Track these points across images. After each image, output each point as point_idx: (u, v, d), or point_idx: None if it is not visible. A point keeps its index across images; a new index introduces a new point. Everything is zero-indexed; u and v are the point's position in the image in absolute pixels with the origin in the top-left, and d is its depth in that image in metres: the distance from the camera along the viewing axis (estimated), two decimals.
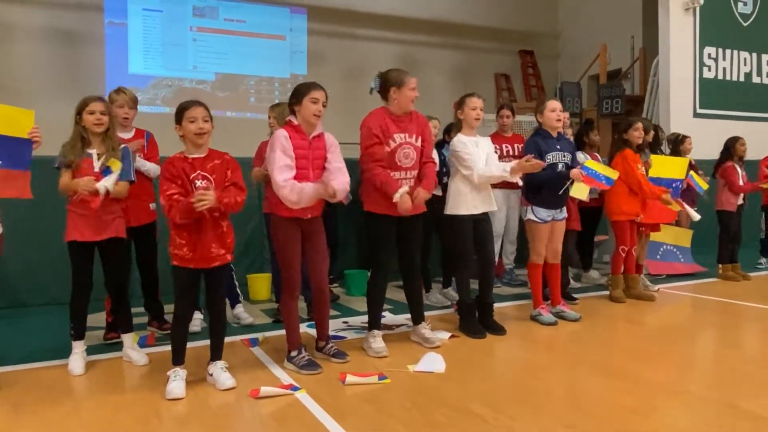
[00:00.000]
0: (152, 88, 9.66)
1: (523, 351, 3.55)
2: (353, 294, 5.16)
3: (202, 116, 2.81)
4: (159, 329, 3.88)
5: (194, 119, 2.80)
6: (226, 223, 2.91)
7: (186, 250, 2.79)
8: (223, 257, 2.88)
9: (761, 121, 8.80)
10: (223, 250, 2.87)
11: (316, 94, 3.09)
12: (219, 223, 2.86)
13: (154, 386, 2.86)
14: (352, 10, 10.74)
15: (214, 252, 2.83)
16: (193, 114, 2.80)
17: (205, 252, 2.81)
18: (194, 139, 2.81)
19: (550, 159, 4.00)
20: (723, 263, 5.70)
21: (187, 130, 2.81)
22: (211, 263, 2.84)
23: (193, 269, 2.82)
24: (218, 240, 2.85)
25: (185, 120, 2.80)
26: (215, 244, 2.83)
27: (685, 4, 8.44)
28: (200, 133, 2.80)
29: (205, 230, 2.80)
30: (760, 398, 2.62)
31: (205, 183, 2.80)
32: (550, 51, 12.89)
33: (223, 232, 2.88)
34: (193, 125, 2.80)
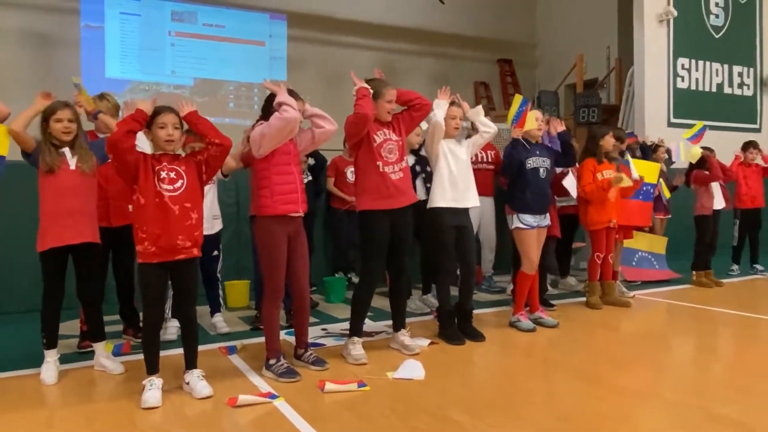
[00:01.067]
0: (129, 92, 9.53)
1: (501, 357, 3.56)
2: (332, 301, 5.14)
3: (172, 123, 2.80)
4: (134, 337, 3.81)
5: (164, 125, 2.79)
6: (196, 216, 2.84)
7: (147, 244, 2.73)
8: (189, 251, 2.81)
9: (732, 131, 9.01)
10: (189, 243, 2.80)
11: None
12: (189, 214, 2.80)
13: (129, 395, 2.81)
14: (332, 16, 10.76)
15: (180, 244, 2.77)
16: (163, 120, 2.79)
17: (170, 243, 2.74)
18: (163, 145, 2.81)
19: (530, 164, 4.08)
20: (697, 270, 5.80)
21: (156, 135, 2.80)
22: (175, 255, 2.77)
23: (157, 266, 2.76)
24: (185, 232, 2.78)
25: (155, 125, 2.79)
26: (182, 236, 2.77)
27: (659, 15, 8.62)
28: (169, 140, 2.80)
29: (171, 221, 2.75)
30: (735, 403, 2.66)
31: (174, 174, 2.79)
32: (528, 60, 13.05)
33: (192, 224, 2.81)
34: (163, 131, 2.79)
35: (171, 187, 2.78)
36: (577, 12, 11.93)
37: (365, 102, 3.26)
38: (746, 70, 9.59)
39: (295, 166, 3.17)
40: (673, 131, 8.49)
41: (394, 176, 3.40)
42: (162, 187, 2.76)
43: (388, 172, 3.39)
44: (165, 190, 2.77)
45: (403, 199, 3.45)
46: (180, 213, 2.78)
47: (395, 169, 3.42)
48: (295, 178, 3.13)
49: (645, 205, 5.34)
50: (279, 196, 3.06)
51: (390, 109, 3.43)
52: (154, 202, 2.75)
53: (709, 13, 9.15)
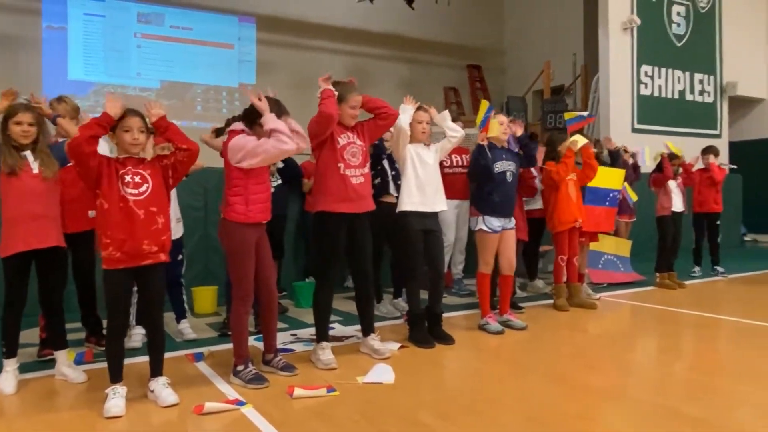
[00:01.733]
0: (93, 94, 9.35)
1: (471, 360, 3.58)
2: (302, 306, 5.09)
3: (137, 127, 2.74)
4: (97, 345, 3.71)
5: (129, 129, 2.73)
6: (163, 220, 2.78)
7: (112, 250, 2.67)
8: (156, 256, 2.75)
9: (694, 137, 9.27)
10: (155, 248, 2.74)
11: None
12: (155, 218, 2.75)
13: (91, 404, 2.73)
14: (302, 20, 10.73)
15: (146, 248, 2.71)
16: (128, 123, 2.73)
17: (135, 248, 2.68)
18: (128, 149, 2.75)
19: (498, 168, 4.13)
20: (660, 272, 5.94)
21: (121, 139, 2.74)
22: (141, 261, 2.71)
23: (122, 271, 2.69)
24: (151, 236, 2.72)
25: (120, 129, 2.73)
26: (147, 241, 2.71)
27: (623, 24, 8.84)
28: (135, 143, 2.74)
29: (136, 225, 2.69)
30: (697, 401, 2.72)
31: (139, 179, 2.73)
32: (497, 66, 13.22)
33: (158, 229, 2.76)
34: (128, 135, 2.73)
35: (136, 191, 2.72)
36: (544, 20, 12.14)
37: (330, 102, 3.24)
38: (707, 78, 9.89)
39: (267, 173, 3.20)
40: (637, 137, 8.71)
41: (355, 180, 3.39)
42: (126, 191, 2.70)
43: (349, 175, 3.37)
44: (129, 194, 2.70)
45: (362, 205, 3.43)
46: (145, 217, 2.72)
47: (357, 173, 3.40)
48: (268, 187, 3.15)
49: (611, 211, 5.46)
50: (255, 204, 3.04)
51: (353, 115, 3.43)
52: (118, 206, 2.68)
53: (671, 21, 9.41)
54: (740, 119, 11.11)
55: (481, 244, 4.17)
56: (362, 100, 3.45)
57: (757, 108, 11.03)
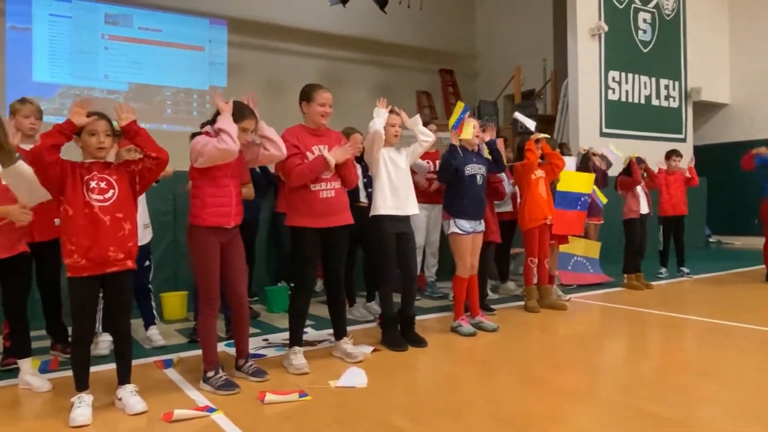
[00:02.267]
0: (59, 97, 9.15)
1: (443, 362, 3.60)
2: (274, 311, 5.06)
3: (103, 130, 2.69)
4: (62, 353, 3.63)
5: (95, 132, 2.67)
6: (129, 227, 2.73)
7: (77, 257, 2.61)
8: (122, 263, 2.70)
9: (660, 141, 9.48)
10: (122, 255, 2.68)
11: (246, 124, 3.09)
12: (121, 225, 2.69)
13: (57, 414, 2.67)
14: (274, 23, 10.68)
15: (112, 255, 2.65)
16: (93, 127, 2.67)
17: (101, 255, 2.63)
18: (94, 152, 2.69)
19: (468, 171, 4.16)
20: (628, 273, 6.05)
21: (86, 143, 2.68)
22: (107, 268, 2.66)
23: (88, 279, 2.64)
24: (117, 243, 2.67)
25: (85, 132, 2.66)
26: (113, 247, 2.65)
27: (591, 30, 9.00)
28: (101, 147, 2.69)
29: (102, 232, 2.63)
30: (663, 400, 2.78)
31: (105, 184, 2.67)
32: (469, 71, 13.34)
33: (125, 235, 2.70)
34: (94, 139, 2.67)
35: (101, 197, 2.66)
36: (514, 25, 12.30)
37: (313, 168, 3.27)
38: (672, 83, 10.13)
39: (233, 178, 3.08)
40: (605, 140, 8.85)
41: (325, 194, 3.34)
42: (91, 197, 2.64)
43: (318, 190, 3.33)
44: (95, 201, 2.64)
45: (334, 219, 3.38)
46: (111, 224, 2.66)
47: (327, 186, 3.36)
48: (230, 191, 3.05)
49: (582, 215, 5.54)
50: (211, 208, 2.99)
51: (323, 112, 3.36)
52: (83, 212, 2.62)
53: (638, 28, 9.62)
54: (704, 124, 11.41)
55: (456, 247, 4.19)
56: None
57: (720, 113, 11.34)
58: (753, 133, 10.38)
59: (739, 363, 3.44)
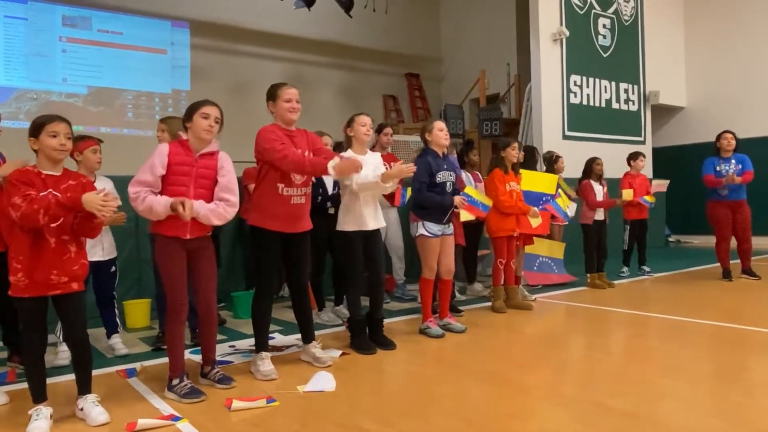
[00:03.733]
0: (14, 101, 8.88)
1: (412, 364, 3.61)
2: (241, 317, 4.99)
3: (64, 132, 2.60)
4: (20, 364, 3.50)
5: (56, 134, 2.58)
6: (75, 249, 2.63)
7: (21, 276, 2.51)
8: (66, 286, 2.59)
9: (619, 143, 9.71)
10: (65, 278, 2.57)
11: (207, 109, 3.02)
12: (66, 248, 2.59)
13: (14, 427, 2.58)
14: (238, 26, 10.58)
15: (54, 279, 2.55)
16: (55, 129, 2.58)
17: (43, 278, 2.52)
18: (53, 154, 2.59)
19: (439, 178, 4.14)
20: (590, 272, 6.17)
21: (45, 144, 2.57)
22: (49, 291, 2.56)
23: (31, 299, 2.54)
24: (61, 266, 2.56)
25: (45, 134, 2.57)
26: (56, 271, 2.55)
27: (553, 35, 9.17)
28: (62, 149, 2.59)
29: (46, 254, 2.53)
30: (624, 396, 2.84)
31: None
32: (435, 74, 13.45)
33: (70, 258, 2.60)
34: (55, 140, 2.57)
35: None
36: (478, 30, 12.46)
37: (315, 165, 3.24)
38: (631, 87, 10.39)
39: (195, 188, 2.97)
40: (567, 143, 9.05)
41: (296, 200, 3.33)
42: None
43: (290, 195, 3.31)
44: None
45: (297, 225, 3.38)
46: (56, 246, 2.56)
47: (299, 192, 3.35)
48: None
49: (544, 215, 5.61)
50: (167, 221, 2.91)
51: (289, 108, 3.31)
52: (30, 230, 2.52)
53: (598, 33, 9.84)
54: (662, 126, 11.74)
55: (423, 250, 4.19)
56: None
57: (677, 116, 11.68)
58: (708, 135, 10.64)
59: (698, 358, 3.54)
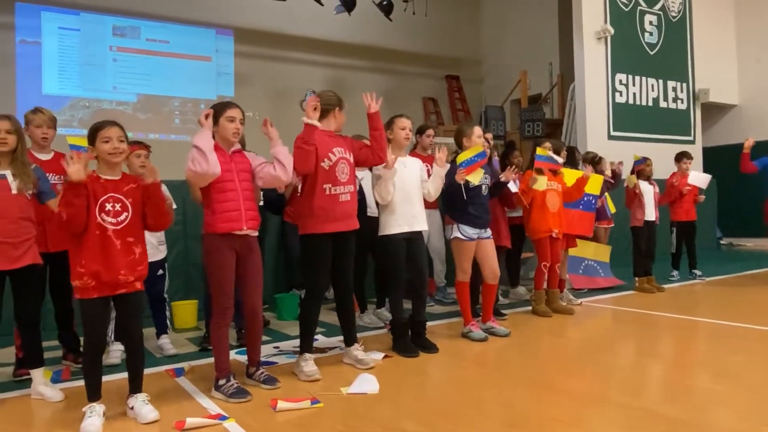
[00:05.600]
0: (69, 109, 9.24)
1: (455, 368, 3.58)
2: (284, 318, 5.06)
3: (116, 136, 2.71)
4: (74, 363, 3.64)
5: (108, 139, 2.69)
6: (140, 250, 2.75)
7: (87, 279, 2.62)
8: (131, 285, 2.71)
9: (668, 143, 9.43)
10: (132, 278, 2.70)
11: (232, 112, 3.09)
12: (131, 249, 2.71)
13: (68, 424, 2.68)
14: (279, 32, 10.74)
15: (122, 279, 2.67)
16: (107, 134, 2.70)
17: (111, 278, 2.64)
18: (109, 158, 2.70)
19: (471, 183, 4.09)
20: (638, 276, 6.01)
21: (101, 149, 2.69)
22: (116, 290, 2.68)
23: (97, 298, 2.66)
24: (127, 266, 2.68)
25: (99, 140, 2.69)
26: (124, 271, 2.67)
27: (597, 33, 8.99)
28: (116, 152, 2.70)
29: (113, 255, 2.65)
30: (675, 402, 2.76)
31: (120, 206, 2.69)
32: (475, 76, 13.35)
33: (135, 259, 2.72)
34: (108, 145, 2.69)
35: (115, 220, 2.67)
36: (520, 30, 12.31)
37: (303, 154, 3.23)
38: (680, 85, 10.08)
39: (241, 182, 3.08)
40: (613, 143, 8.84)
41: (343, 198, 3.37)
42: (105, 219, 2.65)
43: (338, 194, 3.36)
44: (108, 223, 2.66)
45: (348, 224, 3.42)
46: (122, 247, 2.68)
47: (344, 190, 3.39)
48: (237, 195, 3.04)
49: (585, 215, 5.50)
50: (219, 214, 3.00)
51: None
52: (95, 234, 2.63)
53: (644, 30, 9.59)
54: (713, 125, 11.35)
55: (457, 252, 4.18)
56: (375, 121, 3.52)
57: (729, 113, 11.28)
58: (763, 134, 10.27)
59: (752, 365, 3.40)
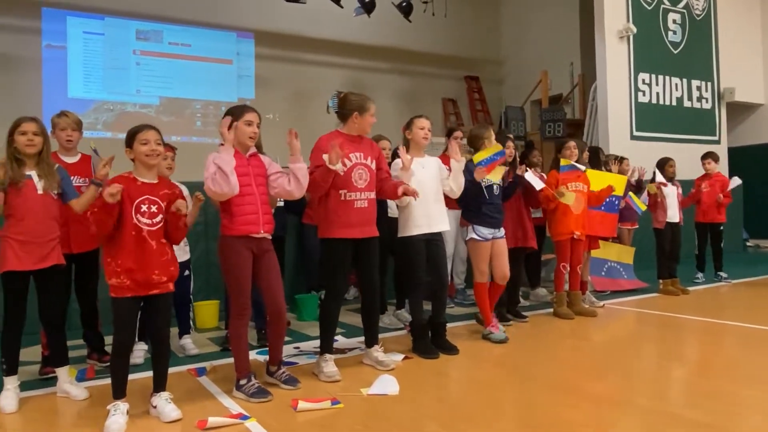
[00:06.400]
0: (93, 112, 9.38)
1: (475, 370, 3.56)
2: (304, 319, 5.08)
3: (154, 139, 2.78)
4: (99, 361, 3.71)
5: (147, 141, 2.76)
6: (171, 252, 2.83)
7: (123, 278, 2.68)
8: (165, 285, 2.78)
9: (692, 143, 9.27)
10: (165, 278, 2.77)
11: (249, 116, 3.10)
12: (165, 249, 2.79)
13: (93, 422, 2.71)
14: (299, 35, 10.79)
15: (156, 279, 2.73)
16: (145, 137, 2.77)
17: (145, 278, 2.71)
18: (147, 160, 2.77)
19: (486, 181, 4.14)
20: (663, 278, 5.92)
21: (138, 152, 2.76)
22: (150, 290, 2.74)
23: (131, 298, 2.72)
24: (161, 267, 2.75)
25: (137, 142, 2.76)
26: (158, 271, 2.74)
27: (619, 32, 8.87)
28: (154, 154, 2.77)
29: (149, 255, 2.72)
30: (701, 407, 2.70)
31: (155, 208, 2.74)
32: (495, 77, 13.27)
33: (168, 260, 2.80)
34: (146, 147, 2.76)
35: (150, 221, 2.74)
36: (540, 30, 12.20)
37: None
38: (704, 84, 9.91)
39: (258, 186, 3.09)
40: (636, 144, 8.72)
41: (359, 204, 3.37)
42: (140, 220, 2.72)
43: (353, 200, 3.35)
44: (144, 224, 2.72)
45: (365, 231, 3.41)
46: (157, 248, 2.75)
47: (361, 196, 3.38)
48: (255, 199, 3.06)
49: (608, 216, 5.43)
50: (238, 217, 3.02)
51: (372, 123, 3.47)
52: (130, 234, 2.70)
53: (667, 29, 9.45)
54: (739, 125, 11.12)
55: (473, 253, 4.18)
56: None
57: (755, 113, 11.05)
58: None
59: None
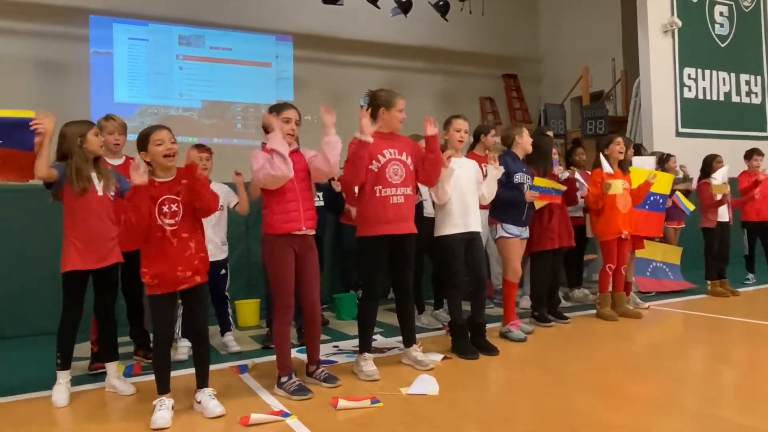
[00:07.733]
0: (138, 116, 9.64)
1: (515, 371, 3.51)
2: (343, 318, 5.11)
3: (168, 138, 2.79)
4: (145, 358, 3.80)
5: (161, 141, 2.77)
6: (194, 245, 2.82)
7: (149, 278, 2.74)
8: (191, 279, 2.79)
9: (741, 139, 8.94)
10: (189, 272, 2.78)
11: (288, 113, 3.15)
12: (186, 245, 2.79)
13: (139, 416, 2.79)
14: (337, 36, 10.86)
15: (180, 275, 2.76)
16: (159, 137, 2.78)
17: (170, 275, 2.74)
18: (164, 161, 2.78)
19: (517, 179, 4.17)
20: (711, 279, 5.72)
21: (155, 152, 2.77)
22: (178, 286, 2.78)
23: (163, 295, 2.77)
24: (184, 262, 2.77)
25: (151, 144, 2.77)
26: (181, 267, 2.76)
27: (664, 26, 8.63)
28: (169, 154, 2.78)
29: (170, 253, 2.74)
30: (753, 411, 2.60)
31: (176, 207, 2.78)
32: (533, 74, 13.08)
33: (191, 254, 2.79)
34: (162, 147, 2.77)
35: (172, 221, 2.77)
36: (580, 25, 11.97)
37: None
38: (753, 78, 9.55)
39: (299, 182, 3.11)
40: (682, 141, 8.46)
41: (395, 200, 3.35)
42: (164, 221, 2.76)
43: (389, 195, 3.35)
44: (167, 225, 2.76)
45: (402, 227, 3.39)
46: (178, 245, 2.77)
47: (397, 192, 3.37)
48: (296, 195, 3.09)
49: (653, 215, 5.27)
50: (279, 215, 3.06)
51: (401, 118, 3.45)
52: (156, 236, 2.75)
53: (714, 22, 9.15)
54: None
55: (505, 251, 4.17)
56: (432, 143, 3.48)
57: None
58: None
59: None
